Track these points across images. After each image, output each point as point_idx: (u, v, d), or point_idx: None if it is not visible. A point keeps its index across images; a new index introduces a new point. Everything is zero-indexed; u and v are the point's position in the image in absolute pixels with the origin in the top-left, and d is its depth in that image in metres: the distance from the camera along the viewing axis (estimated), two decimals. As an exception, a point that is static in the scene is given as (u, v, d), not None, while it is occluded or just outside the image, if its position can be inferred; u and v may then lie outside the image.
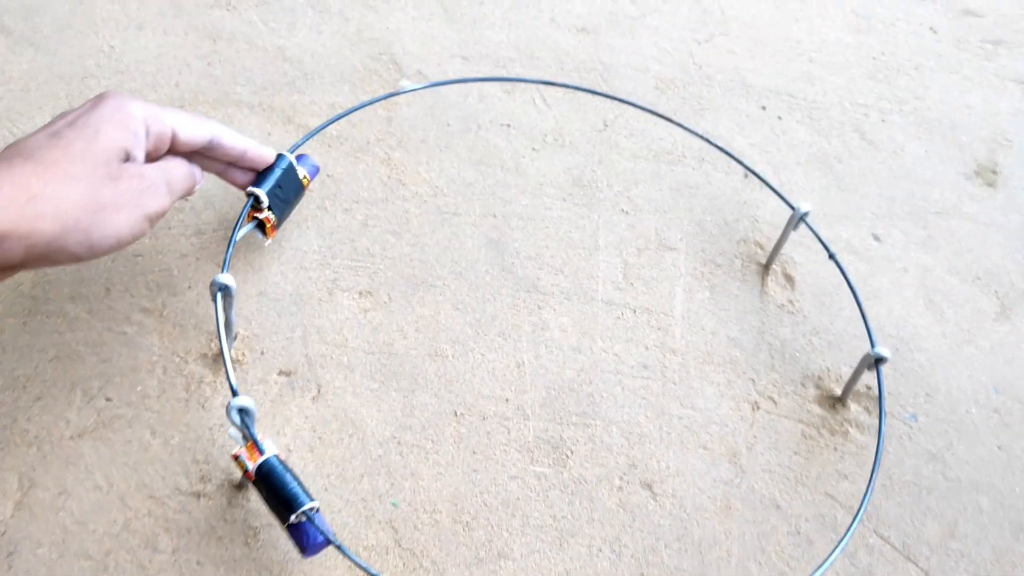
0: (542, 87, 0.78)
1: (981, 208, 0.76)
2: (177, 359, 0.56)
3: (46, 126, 0.47)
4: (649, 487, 0.56)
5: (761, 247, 0.70)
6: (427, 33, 0.81)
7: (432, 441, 0.56)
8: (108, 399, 0.54)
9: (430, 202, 0.68)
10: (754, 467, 0.58)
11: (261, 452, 0.46)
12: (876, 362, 0.57)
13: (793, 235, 0.67)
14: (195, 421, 0.54)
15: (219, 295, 0.51)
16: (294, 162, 0.58)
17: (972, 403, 0.63)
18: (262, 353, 0.58)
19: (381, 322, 0.60)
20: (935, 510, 0.57)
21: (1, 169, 0.42)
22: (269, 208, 0.56)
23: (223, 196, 0.64)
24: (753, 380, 0.62)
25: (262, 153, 0.56)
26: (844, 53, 0.88)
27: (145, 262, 0.60)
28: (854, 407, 0.62)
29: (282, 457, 0.47)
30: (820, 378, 0.63)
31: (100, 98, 0.48)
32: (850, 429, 0.60)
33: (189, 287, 0.60)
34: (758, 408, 0.61)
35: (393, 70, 0.76)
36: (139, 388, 0.55)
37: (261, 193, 0.55)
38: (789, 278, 0.68)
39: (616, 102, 0.76)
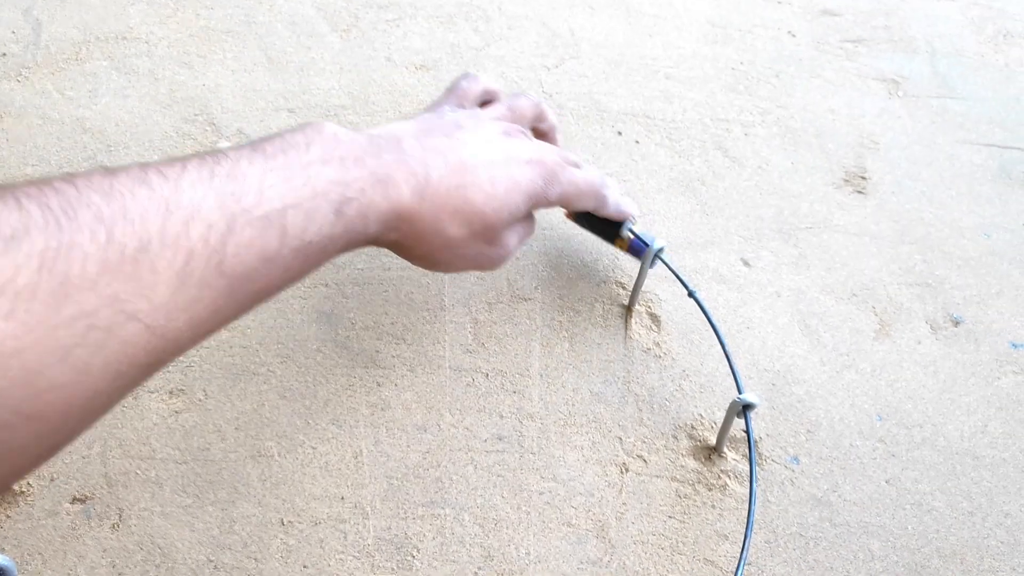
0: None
1: (852, 218, 0.72)
2: (-51, 499, 0.49)
3: (486, 139, 0.50)
4: (508, 580, 0.50)
5: (623, 287, 0.64)
6: (248, 86, 0.74)
7: (255, 559, 0.49)
8: None
9: (253, 277, 0.61)
10: (625, 540, 0.52)
11: (18, 619, 0.38)
12: (744, 409, 0.52)
13: (657, 270, 0.62)
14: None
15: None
16: (633, 231, 0.60)
17: (856, 435, 0.58)
18: (52, 480, 0.50)
19: (195, 424, 0.53)
20: (824, 563, 0.52)
21: (439, 185, 0.46)
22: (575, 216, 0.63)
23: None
24: (620, 439, 0.57)
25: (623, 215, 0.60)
26: (702, 66, 0.84)
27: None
28: (731, 455, 0.56)
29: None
30: (693, 427, 0.58)
31: (543, 159, 0.52)
32: (728, 481, 0.55)
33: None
34: (627, 470, 0.55)
35: (210, 132, 0.70)
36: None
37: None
38: (654, 318, 0.63)
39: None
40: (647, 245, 0.60)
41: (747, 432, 0.53)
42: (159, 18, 0.78)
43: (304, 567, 0.49)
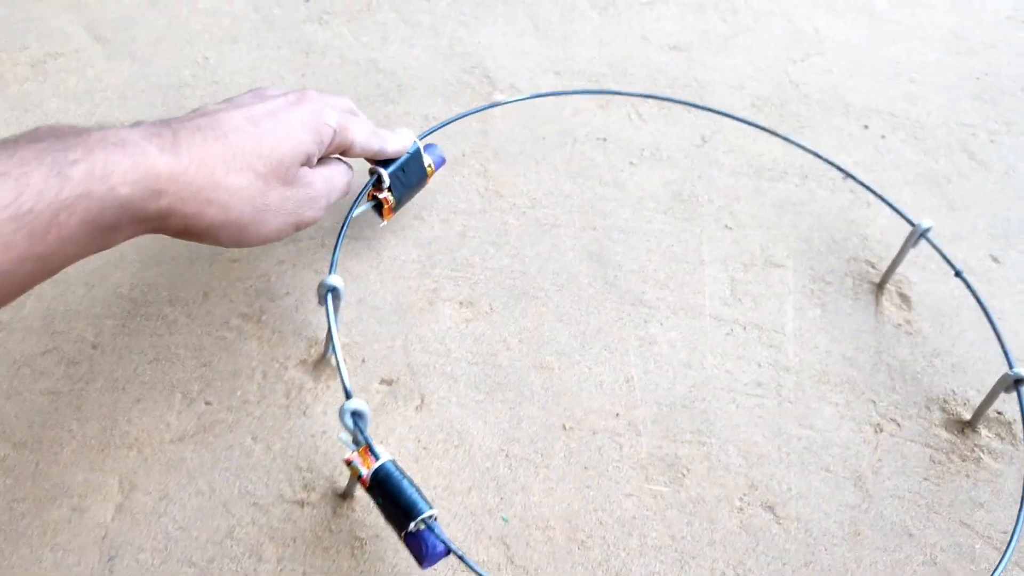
0: (637, 103, 0.76)
1: (1103, 230, 0.72)
2: (276, 365, 0.54)
3: (243, 104, 0.46)
4: (771, 509, 0.52)
5: (873, 266, 0.66)
6: (518, 49, 0.79)
7: (542, 455, 0.53)
8: (208, 403, 0.52)
9: (528, 214, 0.66)
10: (881, 492, 0.54)
11: (376, 457, 0.43)
12: (1016, 383, 0.54)
13: (906, 255, 0.64)
14: (296, 428, 0.52)
15: (328, 296, 0.49)
16: (422, 149, 0.58)
17: (1112, 431, 0.59)
18: (363, 361, 0.55)
19: (483, 332, 0.58)
20: (1081, 543, 0.53)
21: (192, 139, 0.41)
22: (389, 189, 0.56)
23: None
24: (873, 402, 0.58)
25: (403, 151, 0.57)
26: (945, 73, 0.85)
27: (242, 268, 0.59)
28: (985, 432, 0.58)
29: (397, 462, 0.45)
30: (946, 401, 0.59)
31: (303, 97, 0.48)
32: (982, 455, 0.56)
33: (287, 293, 0.58)
34: (881, 431, 0.57)
35: (486, 83, 0.75)
36: (239, 393, 0.53)
37: (384, 173, 0.56)
38: (905, 298, 0.65)
39: (715, 117, 0.74)
40: (443, 158, 0.62)
41: (1020, 402, 0.54)
42: (438, -19, 0.85)
43: (585, 468, 0.52)
